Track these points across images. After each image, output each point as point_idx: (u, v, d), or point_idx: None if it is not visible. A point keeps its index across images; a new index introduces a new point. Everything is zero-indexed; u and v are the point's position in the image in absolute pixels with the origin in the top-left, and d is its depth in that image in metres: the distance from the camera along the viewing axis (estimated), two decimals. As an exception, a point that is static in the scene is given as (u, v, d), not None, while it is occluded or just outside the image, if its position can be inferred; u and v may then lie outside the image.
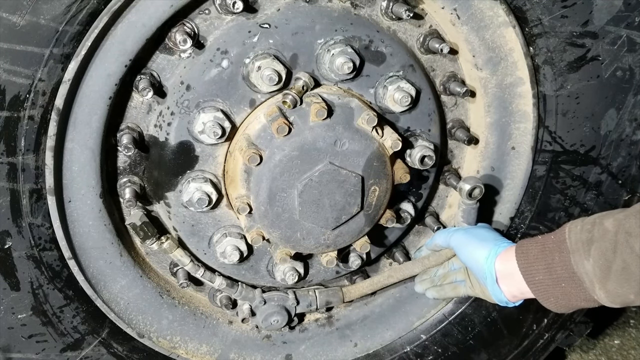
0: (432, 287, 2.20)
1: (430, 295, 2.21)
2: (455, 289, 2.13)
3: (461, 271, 2.12)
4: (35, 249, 1.83)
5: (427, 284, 2.22)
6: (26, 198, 1.77)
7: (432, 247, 2.16)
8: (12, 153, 1.71)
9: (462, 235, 2.02)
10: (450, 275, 2.15)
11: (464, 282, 2.10)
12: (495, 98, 2.13)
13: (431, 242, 2.16)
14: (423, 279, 2.23)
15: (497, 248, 1.91)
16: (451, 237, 2.05)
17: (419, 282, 2.24)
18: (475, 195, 2.05)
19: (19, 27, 1.59)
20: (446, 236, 2.07)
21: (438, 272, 2.18)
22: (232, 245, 2.02)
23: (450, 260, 2.15)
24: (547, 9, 1.97)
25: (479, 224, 2.13)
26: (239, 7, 1.78)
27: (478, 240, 1.98)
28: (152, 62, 1.84)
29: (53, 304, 1.92)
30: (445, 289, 2.16)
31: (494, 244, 1.94)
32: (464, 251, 1.99)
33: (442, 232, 2.12)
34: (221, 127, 1.83)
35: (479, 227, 2.11)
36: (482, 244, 1.96)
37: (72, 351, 2.00)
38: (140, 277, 2.06)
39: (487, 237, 2.00)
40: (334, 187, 1.89)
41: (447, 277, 2.15)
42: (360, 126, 1.90)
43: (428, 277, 2.21)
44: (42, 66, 1.65)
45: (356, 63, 1.86)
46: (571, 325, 2.53)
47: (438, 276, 2.19)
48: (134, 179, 1.96)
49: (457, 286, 2.12)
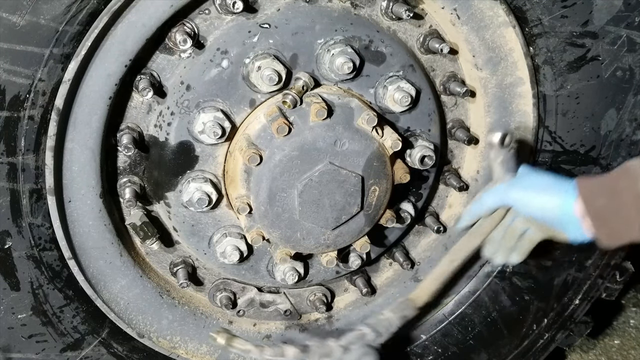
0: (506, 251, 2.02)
1: (515, 260, 2.02)
2: (530, 240, 1.98)
3: (520, 221, 1.96)
4: (35, 249, 1.83)
5: (498, 250, 2.03)
6: (26, 198, 1.77)
7: (482, 213, 1.98)
8: (12, 153, 1.71)
9: (519, 191, 1.87)
10: (513, 231, 1.99)
11: (529, 230, 1.96)
12: (495, 98, 2.13)
13: (479, 209, 1.98)
14: (490, 249, 2.03)
15: (566, 193, 1.79)
16: (506, 195, 1.90)
17: (489, 254, 2.04)
18: (507, 143, 1.90)
19: (19, 27, 1.59)
20: (498, 197, 1.93)
21: (498, 234, 2.00)
22: (232, 245, 2.02)
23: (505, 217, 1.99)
24: (547, 9, 1.97)
25: (521, 169, 1.95)
26: (239, 7, 1.78)
27: (539, 190, 1.84)
28: (152, 62, 1.84)
29: (53, 304, 1.92)
30: (523, 246, 2.00)
31: (559, 188, 1.81)
32: (530, 205, 1.85)
33: (488, 195, 1.95)
34: (221, 127, 1.83)
35: (527, 174, 1.94)
36: (547, 193, 1.82)
37: (72, 351, 2.00)
38: (140, 277, 2.06)
39: (545, 182, 1.86)
40: (334, 187, 1.89)
41: (512, 234, 1.99)
42: (360, 126, 1.90)
43: (493, 244, 2.02)
44: (42, 66, 1.65)
45: (356, 63, 1.86)
46: (571, 325, 2.53)
47: (503, 238, 2.01)
48: (134, 179, 1.96)
49: (528, 237, 1.98)
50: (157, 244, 2.02)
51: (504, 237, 1.99)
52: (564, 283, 2.43)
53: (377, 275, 2.39)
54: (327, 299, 2.31)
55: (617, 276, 2.48)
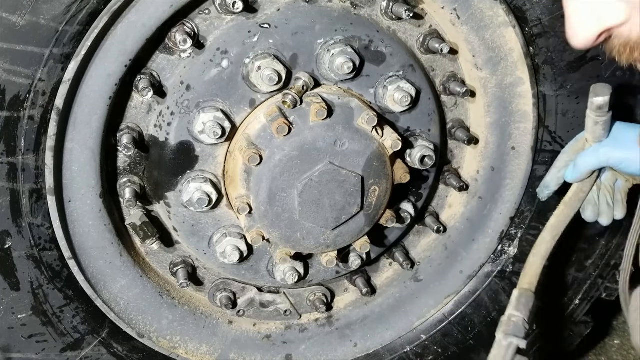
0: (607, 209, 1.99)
1: (620, 215, 2.01)
2: (624, 192, 1.97)
3: (609, 176, 1.95)
4: (35, 249, 1.83)
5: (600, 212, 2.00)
6: (26, 198, 1.77)
7: (581, 176, 1.91)
8: (12, 153, 1.71)
9: (619, 148, 1.84)
10: (607, 188, 1.97)
11: (618, 181, 1.96)
12: (495, 98, 2.13)
13: (576, 174, 1.91)
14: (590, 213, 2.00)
15: None
16: (607, 157, 1.85)
17: (591, 218, 2.01)
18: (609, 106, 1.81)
19: (19, 27, 1.59)
20: (595, 158, 1.87)
21: (593, 196, 1.97)
22: (232, 245, 2.02)
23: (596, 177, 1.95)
24: (547, 9, 1.97)
25: (615, 127, 1.89)
26: (239, 7, 1.78)
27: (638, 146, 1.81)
28: (152, 62, 1.84)
29: (53, 304, 1.92)
30: (620, 199, 1.98)
31: None
32: (633, 164, 1.83)
33: (584, 157, 1.88)
34: (221, 127, 1.83)
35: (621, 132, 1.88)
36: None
37: (72, 351, 2.00)
38: (140, 277, 2.06)
39: None
40: (334, 187, 1.89)
41: (607, 191, 1.97)
42: (360, 126, 1.90)
43: (592, 207, 2.00)
44: (42, 66, 1.65)
45: (356, 63, 1.86)
46: (571, 325, 2.53)
47: (599, 198, 1.98)
48: (134, 179, 1.96)
49: (621, 189, 1.97)
50: (157, 244, 2.01)
51: (599, 197, 1.96)
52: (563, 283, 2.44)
53: (377, 275, 2.39)
54: (327, 299, 2.31)
55: (617, 276, 2.48)
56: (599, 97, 1.78)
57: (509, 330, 1.83)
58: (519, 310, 1.87)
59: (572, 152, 1.94)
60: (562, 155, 1.97)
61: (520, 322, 1.84)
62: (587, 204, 1.97)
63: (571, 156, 1.93)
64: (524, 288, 1.90)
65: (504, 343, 1.82)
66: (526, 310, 1.86)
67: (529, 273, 1.94)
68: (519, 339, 1.81)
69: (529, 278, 1.93)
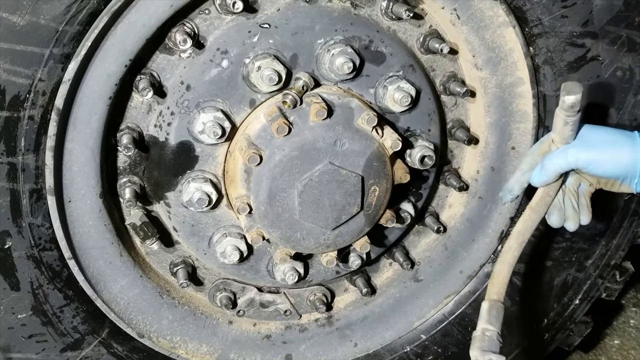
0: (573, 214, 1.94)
1: (586, 220, 1.95)
2: (588, 196, 1.92)
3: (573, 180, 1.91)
4: (35, 249, 1.83)
5: (565, 217, 1.94)
6: (26, 198, 1.77)
7: (549, 179, 1.86)
8: (12, 153, 1.71)
9: (587, 150, 1.79)
10: (572, 191, 1.92)
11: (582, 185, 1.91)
12: (495, 98, 2.13)
13: (543, 177, 1.85)
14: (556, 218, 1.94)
15: (635, 145, 1.76)
16: (576, 158, 1.80)
17: (556, 223, 1.94)
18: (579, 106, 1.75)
19: (19, 27, 1.59)
20: (563, 160, 1.81)
21: (559, 200, 1.91)
22: (232, 245, 2.02)
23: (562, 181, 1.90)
24: (547, 9, 1.97)
25: (584, 129, 1.84)
26: (239, 7, 1.78)
27: (607, 146, 1.79)
28: (152, 62, 1.84)
29: (53, 304, 1.92)
30: (585, 204, 1.93)
31: (625, 141, 1.78)
32: (600, 163, 1.79)
33: (551, 159, 1.82)
34: (221, 127, 1.83)
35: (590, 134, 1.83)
36: (615, 148, 1.78)
37: (72, 351, 2.00)
38: (140, 277, 2.06)
39: (611, 138, 1.81)
40: (334, 187, 1.89)
41: (572, 195, 1.92)
42: (360, 126, 1.90)
43: (558, 212, 1.93)
44: (42, 66, 1.65)
45: (356, 63, 1.86)
46: (571, 325, 2.54)
47: (564, 202, 1.92)
48: (134, 179, 1.96)
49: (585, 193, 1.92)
50: (157, 244, 2.02)
51: (565, 201, 1.91)
52: (563, 283, 2.43)
53: (377, 275, 2.39)
54: (327, 299, 2.31)
55: (617, 276, 2.48)
56: (571, 95, 1.71)
57: (484, 346, 1.77)
58: (491, 323, 1.80)
59: (538, 154, 1.87)
60: (527, 158, 1.91)
61: (494, 337, 1.78)
62: (553, 209, 1.91)
63: (537, 158, 1.87)
64: (493, 299, 1.84)
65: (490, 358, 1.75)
66: (498, 323, 1.80)
67: (497, 283, 1.86)
68: (497, 355, 1.75)
69: (497, 288, 1.86)
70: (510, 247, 1.87)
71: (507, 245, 1.88)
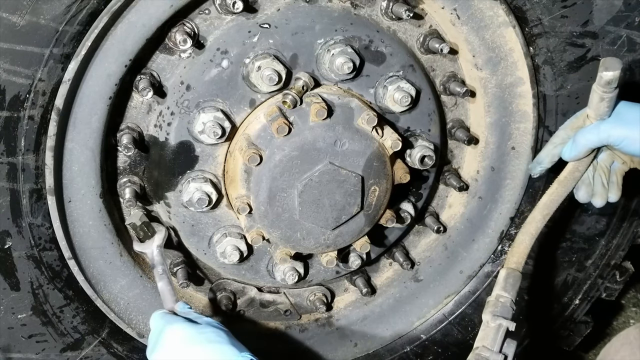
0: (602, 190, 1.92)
1: (614, 197, 1.93)
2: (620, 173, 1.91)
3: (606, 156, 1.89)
4: (35, 249, 1.83)
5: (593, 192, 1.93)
6: (26, 198, 1.77)
7: (579, 154, 1.84)
8: (12, 153, 1.71)
9: (622, 126, 1.76)
10: (603, 168, 1.90)
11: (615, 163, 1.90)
12: (495, 98, 2.13)
13: (574, 151, 1.83)
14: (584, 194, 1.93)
15: None
16: (608, 134, 1.77)
17: (584, 198, 1.94)
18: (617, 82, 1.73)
19: (19, 27, 1.59)
20: (596, 135, 1.79)
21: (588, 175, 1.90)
22: (232, 245, 2.02)
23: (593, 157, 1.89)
24: (547, 9, 1.97)
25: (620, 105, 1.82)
26: (239, 7, 1.78)
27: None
28: (152, 62, 1.84)
29: (53, 304, 1.92)
30: (616, 181, 1.91)
31: None
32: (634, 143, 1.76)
33: (585, 133, 1.80)
34: (221, 127, 1.83)
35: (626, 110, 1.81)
36: None
37: (72, 351, 2.00)
38: (140, 277, 2.06)
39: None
40: (334, 187, 1.89)
41: (603, 171, 1.90)
42: (360, 126, 1.90)
43: (586, 187, 1.92)
44: (42, 66, 1.65)
45: (356, 63, 1.86)
46: (571, 325, 2.54)
47: (594, 178, 1.90)
48: (134, 179, 1.96)
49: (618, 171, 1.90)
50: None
51: (594, 178, 1.89)
52: (564, 283, 2.43)
53: (377, 275, 2.39)
54: (327, 299, 2.31)
55: (617, 276, 2.48)
56: (609, 71, 1.69)
57: (496, 311, 1.77)
58: (506, 290, 1.80)
59: (571, 129, 1.87)
60: (560, 132, 1.90)
61: (508, 303, 1.78)
62: (582, 184, 1.90)
63: (569, 133, 1.86)
64: (511, 268, 1.84)
65: (493, 324, 1.76)
66: (514, 290, 1.80)
67: (517, 252, 1.87)
68: (508, 320, 1.75)
69: (517, 257, 1.86)
70: (534, 218, 1.87)
71: (531, 216, 1.88)
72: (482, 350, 1.75)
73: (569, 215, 2.33)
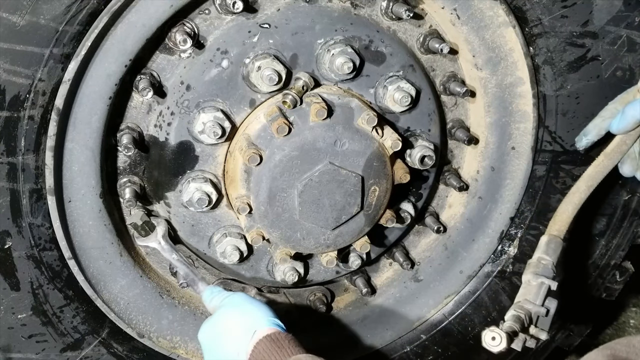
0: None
1: None
2: None
3: None
4: (35, 249, 1.83)
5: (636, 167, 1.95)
6: (26, 198, 1.77)
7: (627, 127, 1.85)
8: (12, 153, 1.71)
9: None
10: None
11: None
12: (495, 98, 2.13)
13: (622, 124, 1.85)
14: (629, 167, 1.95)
15: None
16: None
17: (629, 172, 1.96)
18: None
19: (19, 27, 1.59)
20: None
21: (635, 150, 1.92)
22: (232, 245, 2.02)
23: None
24: (547, 9, 1.98)
25: None
26: (239, 7, 1.78)
27: None
28: (152, 62, 1.84)
29: (53, 304, 1.92)
30: None
31: None
32: None
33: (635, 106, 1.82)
34: (221, 127, 1.83)
35: None
36: None
37: (72, 351, 2.00)
38: (140, 277, 2.06)
39: None
40: (334, 187, 1.89)
41: None
42: (360, 126, 1.90)
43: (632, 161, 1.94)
44: (42, 66, 1.65)
45: (356, 63, 1.86)
46: (571, 325, 2.53)
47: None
48: (134, 179, 1.96)
49: None
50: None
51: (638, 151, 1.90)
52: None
53: (377, 275, 2.39)
54: (327, 298, 2.31)
55: (617, 276, 2.48)
56: None
57: (538, 271, 1.80)
58: (548, 254, 1.84)
59: (621, 103, 1.88)
60: (610, 105, 1.92)
61: (549, 266, 1.81)
62: (627, 158, 1.92)
63: (619, 107, 1.88)
64: (553, 234, 1.87)
65: (534, 283, 1.78)
66: (555, 255, 1.83)
67: (559, 220, 1.89)
68: (550, 279, 1.78)
69: (559, 225, 1.89)
70: (579, 188, 1.90)
71: (576, 187, 1.91)
72: (524, 303, 1.77)
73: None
